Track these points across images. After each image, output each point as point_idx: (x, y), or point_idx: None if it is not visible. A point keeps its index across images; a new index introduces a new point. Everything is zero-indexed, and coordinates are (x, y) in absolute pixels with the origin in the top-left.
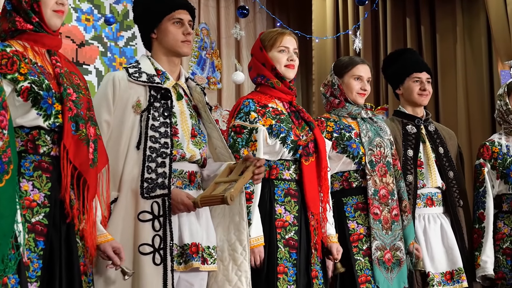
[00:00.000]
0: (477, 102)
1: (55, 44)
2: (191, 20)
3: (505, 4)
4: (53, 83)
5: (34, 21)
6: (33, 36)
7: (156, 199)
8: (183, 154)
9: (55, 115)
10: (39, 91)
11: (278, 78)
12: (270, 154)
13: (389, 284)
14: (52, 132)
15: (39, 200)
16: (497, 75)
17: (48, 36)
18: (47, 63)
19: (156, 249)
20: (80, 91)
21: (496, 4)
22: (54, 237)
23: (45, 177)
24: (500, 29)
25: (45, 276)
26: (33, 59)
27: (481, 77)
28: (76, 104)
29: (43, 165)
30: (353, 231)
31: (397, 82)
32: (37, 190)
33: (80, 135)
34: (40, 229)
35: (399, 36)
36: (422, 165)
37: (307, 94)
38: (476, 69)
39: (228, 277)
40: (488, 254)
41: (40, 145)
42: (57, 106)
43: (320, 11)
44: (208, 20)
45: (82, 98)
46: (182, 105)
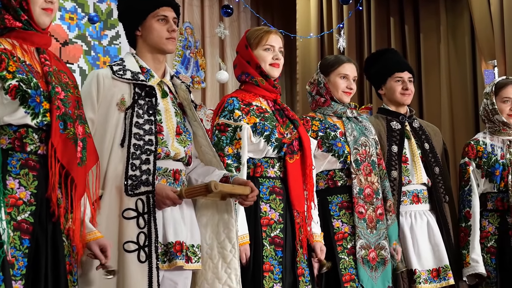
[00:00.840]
0: (460, 101)
1: (44, 42)
2: (175, 17)
3: (488, 3)
4: (41, 82)
5: (23, 19)
6: (22, 34)
7: (141, 196)
8: (167, 152)
9: (43, 114)
10: (27, 89)
11: (262, 76)
12: (254, 152)
13: (373, 283)
14: (40, 131)
15: (25, 198)
16: (480, 74)
17: (37, 34)
18: (35, 61)
19: (141, 247)
20: (69, 89)
21: (480, 4)
22: (40, 236)
23: (32, 175)
24: (483, 29)
25: (30, 275)
26: (21, 57)
27: (464, 76)
28: (64, 103)
29: (30, 163)
30: (338, 229)
31: (379, 82)
32: (24, 188)
33: (68, 133)
34: (26, 227)
35: (383, 35)
36: (407, 161)
37: (291, 93)
38: (460, 69)
39: (218, 275)
40: (477, 252)
41: (28, 143)
42: (45, 104)
43: (304, 10)
44: (192, 19)
45: (70, 96)
46: (167, 103)
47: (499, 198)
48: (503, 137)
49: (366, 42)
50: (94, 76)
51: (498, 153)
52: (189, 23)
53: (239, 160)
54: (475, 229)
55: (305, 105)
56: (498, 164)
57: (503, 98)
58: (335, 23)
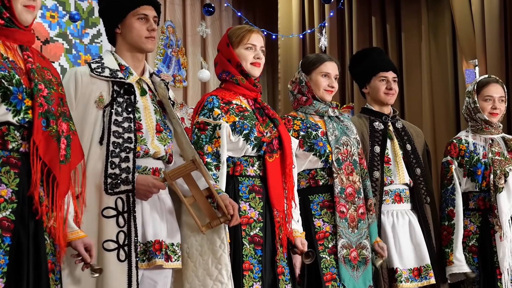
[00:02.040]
0: (442, 100)
1: (27, 39)
2: (156, 16)
3: (469, 3)
4: (24, 79)
5: (5, 17)
6: (4, 31)
7: (120, 195)
8: (146, 150)
9: (25, 111)
10: (9, 86)
11: (243, 75)
12: (233, 151)
13: (355, 282)
14: (22, 128)
15: (6, 195)
16: (461, 73)
17: (19, 31)
18: (19, 58)
19: (120, 246)
20: (52, 86)
21: (461, 4)
22: (21, 234)
23: (13, 172)
24: (464, 29)
25: (11, 273)
26: (4, 54)
27: (445, 75)
28: (47, 100)
29: (12, 161)
30: (319, 229)
31: (363, 81)
32: (5, 185)
33: (51, 131)
34: (7, 225)
35: (364, 34)
36: (389, 161)
37: (273, 93)
38: (441, 68)
39: (209, 271)
40: (460, 251)
41: (9, 141)
42: (28, 101)
43: (286, 9)
44: (174, 18)
45: (54, 94)
46: (146, 101)
47: (481, 197)
48: (485, 135)
49: (347, 41)
50: (72, 74)
51: (480, 152)
52: (170, 22)
53: (219, 158)
54: (459, 228)
55: (287, 104)
56: (480, 163)
57: (484, 97)
58: (317, 22)
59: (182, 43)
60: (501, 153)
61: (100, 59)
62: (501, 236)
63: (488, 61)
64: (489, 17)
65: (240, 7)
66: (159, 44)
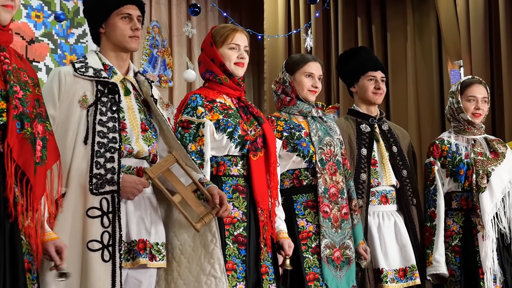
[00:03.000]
0: (427, 100)
1: (4, 39)
2: (140, 15)
3: (455, 4)
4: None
5: None
6: None
7: (105, 195)
8: (130, 149)
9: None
10: None
11: (226, 74)
12: (217, 150)
13: (338, 282)
14: None
15: None
16: (446, 74)
17: None
18: None
19: (105, 246)
20: (28, 88)
21: (446, 5)
22: None
23: None
24: (450, 29)
25: None
26: None
27: (431, 76)
28: (22, 102)
29: None
30: (303, 228)
31: (351, 80)
32: None
33: (25, 133)
34: None
35: (350, 35)
36: (376, 163)
37: (259, 93)
38: (426, 68)
39: (202, 266)
40: (440, 252)
41: None
42: (2, 104)
43: (272, 9)
44: (160, 18)
45: (29, 95)
46: (130, 100)
47: (463, 197)
48: (467, 136)
49: (333, 42)
50: (56, 74)
51: (463, 153)
52: (156, 22)
53: (202, 157)
54: (440, 229)
55: (272, 104)
56: (463, 164)
57: (468, 97)
58: (303, 22)
59: (168, 43)
60: (483, 153)
61: (84, 59)
62: (484, 236)
63: (473, 61)
64: (474, 18)
65: (226, 7)
66: (144, 44)
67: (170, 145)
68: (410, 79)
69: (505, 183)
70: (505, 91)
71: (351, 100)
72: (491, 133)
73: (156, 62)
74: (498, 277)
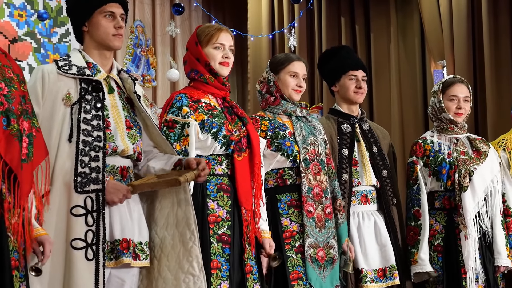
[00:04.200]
0: (410, 100)
1: None
2: (123, 13)
3: (438, 5)
4: None
5: None
6: None
7: (90, 194)
8: (114, 147)
9: None
10: None
11: (211, 74)
12: (202, 149)
13: (322, 282)
14: None
15: None
16: (430, 74)
17: None
18: None
19: (88, 244)
20: (13, 85)
21: (429, 5)
22: None
23: None
24: (433, 30)
25: None
26: None
27: (414, 76)
28: (7, 99)
29: None
30: (286, 228)
31: (333, 79)
32: None
33: (12, 130)
34: None
35: (334, 35)
36: (357, 163)
37: (243, 93)
38: (410, 69)
39: (180, 264)
40: (425, 251)
41: None
42: None
43: (256, 9)
44: (143, 17)
45: (14, 92)
46: (114, 98)
47: (446, 197)
48: (450, 135)
49: (317, 42)
50: (39, 71)
51: (445, 152)
52: (140, 21)
53: (187, 156)
54: (425, 227)
55: (256, 104)
56: (445, 163)
57: (450, 96)
58: (286, 22)
59: (152, 43)
60: (466, 152)
61: (68, 57)
62: (466, 235)
63: (456, 62)
64: (457, 18)
65: (209, 7)
66: (128, 43)
67: (155, 141)
68: (393, 79)
69: (487, 182)
70: (488, 91)
71: (334, 100)
72: (474, 133)
73: (139, 62)
74: (480, 276)
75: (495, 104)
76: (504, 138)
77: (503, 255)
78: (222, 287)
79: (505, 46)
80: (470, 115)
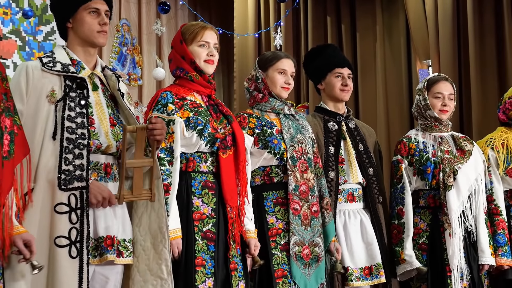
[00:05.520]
0: (396, 99)
1: None
2: (108, 10)
3: (423, 4)
4: None
5: None
6: None
7: (74, 191)
8: (98, 145)
9: None
10: None
11: (197, 71)
12: (187, 147)
13: (306, 280)
14: None
15: None
16: (415, 73)
17: None
18: None
19: (72, 242)
20: None
21: (415, 5)
22: None
23: None
24: (418, 29)
25: None
26: None
27: (400, 75)
28: None
29: None
30: (272, 225)
31: (318, 77)
32: None
33: None
34: None
35: (320, 34)
36: (343, 161)
37: (229, 92)
38: (395, 68)
39: (150, 266)
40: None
41: None
42: None
43: (242, 8)
44: (129, 16)
45: None
46: (98, 95)
47: (431, 195)
48: (434, 133)
49: (303, 40)
50: (23, 68)
51: (430, 151)
52: (126, 20)
53: (172, 154)
54: (409, 226)
55: (242, 103)
56: (430, 162)
57: (435, 94)
58: (273, 21)
59: (137, 42)
60: (450, 151)
61: (52, 54)
62: (451, 234)
63: (442, 61)
64: (443, 18)
65: (195, 5)
66: (114, 42)
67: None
68: (379, 78)
69: (471, 181)
70: (473, 90)
71: (320, 99)
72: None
73: (125, 60)
74: (465, 274)
75: (480, 103)
76: (492, 137)
77: (487, 253)
78: (206, 284)
79: (490, 46)
80: (455, 114)
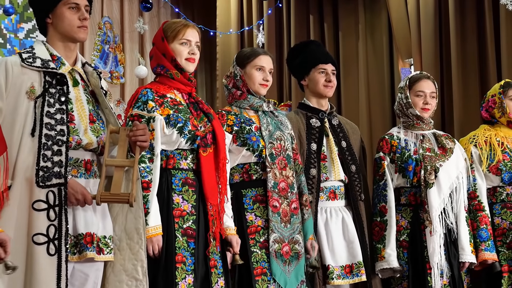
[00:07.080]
0: (378, 98)
1: None
2: (87, 5)
3: (405, 3)
4: None
5: None
6: None
7: (52, 188)
8: (78, 140)
9: None
10: None
11: (177, 69)
12: (167, 144)
13: (286, 277)
14: None
15: None
16: (397, 72)
17: None
18: None
19: (50, 239)
20: None
21: (397, 4)
22: None
23: None
24: (400, 28)
25: None
26: None
27: (382, 74)
28: None
29: None
30: (251, 223)
31: (302, 73)
32: None
33: None
34: None
35: (302, 32)
36: (325, 158)
37: (211, 90)
38: (378, 66)
39: (125, 266)
40: (392, 247)
41: None
42: None
43: (225, 6)
44: (111, 14)
45: None
46: (78, 92)
47: (412, 193)
48: (416, 131)
49: (285, 39)
50: (2, 64)
51: (411, 148)
52: (108, 18)
53: (152, 151)
54: (392, 224)
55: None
56: (411, 160)
57: (416, 92)
58: (255, 19)
59: (120, 40)
60: (432, 149)
61: (32, 49)
62: (431, 231)
63: (423, 60)
64: (425, 17)
65: (178, 3)
66: (96, 40)
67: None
68: (361, 76)
69: (452, 179)
70: (455, 89)
71: (303, 96)
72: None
73: (107, 58)
74: (445, 272)
75: (462, 102)
76: (475, 134)
77: (467, 251)
78: (187, 280)
79: (472, 45)
80: (437, 112)
